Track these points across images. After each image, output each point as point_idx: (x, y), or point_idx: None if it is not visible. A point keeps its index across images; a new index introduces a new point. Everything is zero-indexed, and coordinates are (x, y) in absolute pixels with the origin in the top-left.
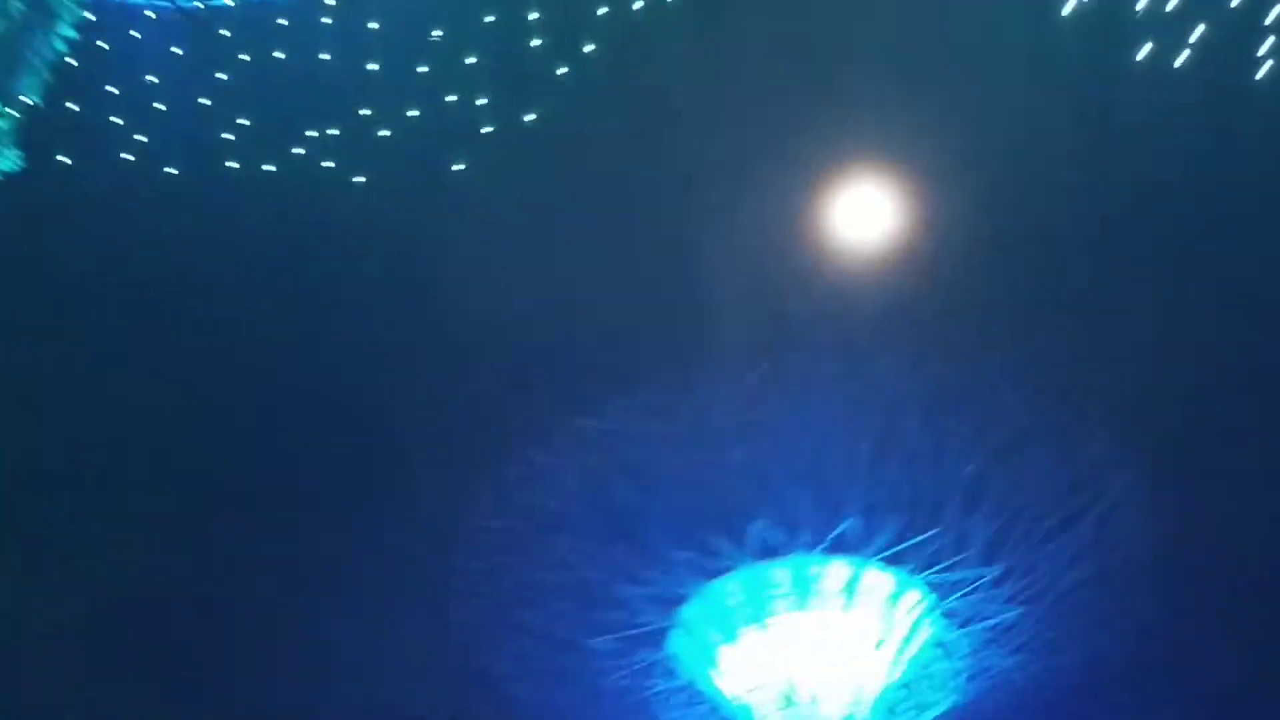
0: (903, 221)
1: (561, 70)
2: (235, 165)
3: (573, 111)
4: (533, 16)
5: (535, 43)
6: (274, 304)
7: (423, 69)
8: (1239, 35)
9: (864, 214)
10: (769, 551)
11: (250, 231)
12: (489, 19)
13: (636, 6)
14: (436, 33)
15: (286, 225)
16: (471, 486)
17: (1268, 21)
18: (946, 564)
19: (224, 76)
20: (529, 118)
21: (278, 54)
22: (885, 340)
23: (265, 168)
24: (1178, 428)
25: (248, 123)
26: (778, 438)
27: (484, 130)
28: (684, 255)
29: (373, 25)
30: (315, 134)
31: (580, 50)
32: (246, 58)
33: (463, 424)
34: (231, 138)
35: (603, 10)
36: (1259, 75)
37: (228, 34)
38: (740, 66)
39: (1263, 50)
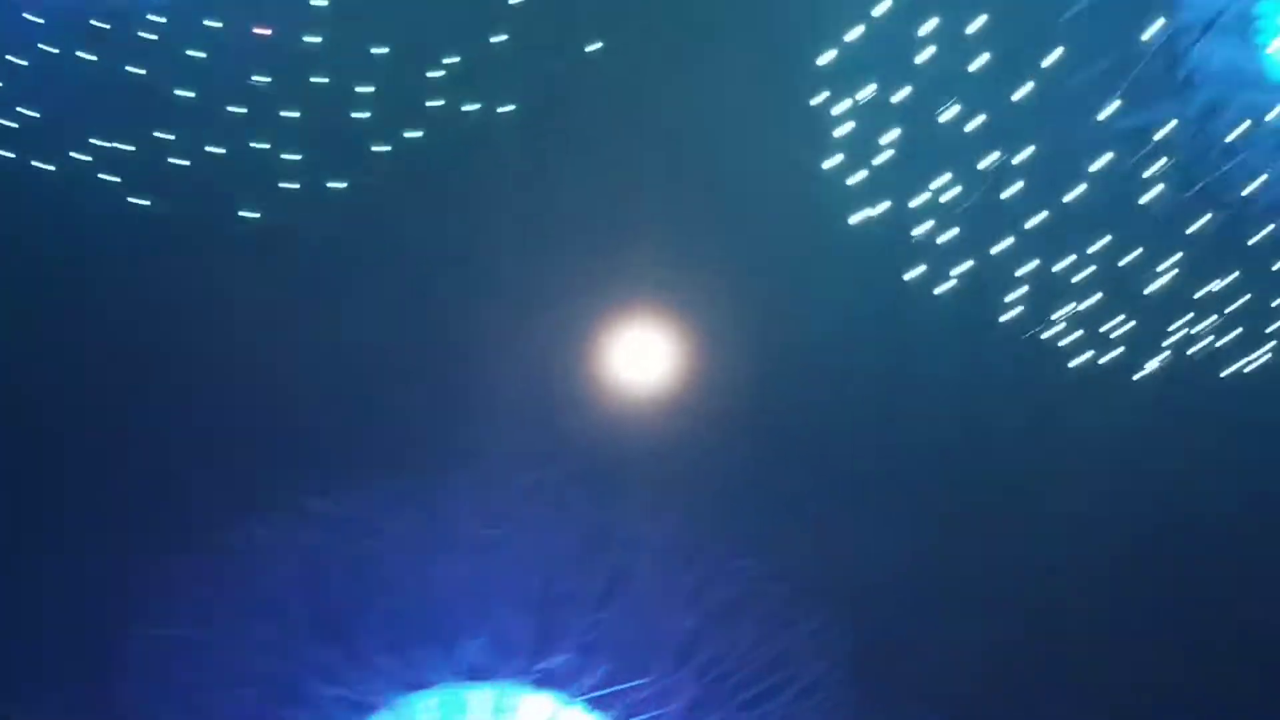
0: (677, 375)
1: (379, 148)
2: (5, 155)
3: (380, 190)
4: (361, 89)
5: (359, 115)
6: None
7: (235, 109)
8: (995, 276)
9: (647, 357)
10: (475, 673)
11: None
12: (317, 80)
13: (468, 108)
14: (259, 78)
15: (41, 231)
16: (177, 550)
17: (1018, 273)
18: (648, 716)
19: (20, 63)
20: (334, 185)
21: (85, 55)
22: (634, 482)
23: (38, 164)
24: (880, 623)
25: (33, 115)
26: (510, 559)
27: (283, 185)
28: (461, 358)
29: (195, 54)
30: (103, 145)
31: (402, 134)
32: (50, 50)
33: (185, 481)
34: (11, 126)
35: (435, 103)
36: (1003, 318)
37: (36, 21)
38: (558, 188)
39: (1010, 297)
